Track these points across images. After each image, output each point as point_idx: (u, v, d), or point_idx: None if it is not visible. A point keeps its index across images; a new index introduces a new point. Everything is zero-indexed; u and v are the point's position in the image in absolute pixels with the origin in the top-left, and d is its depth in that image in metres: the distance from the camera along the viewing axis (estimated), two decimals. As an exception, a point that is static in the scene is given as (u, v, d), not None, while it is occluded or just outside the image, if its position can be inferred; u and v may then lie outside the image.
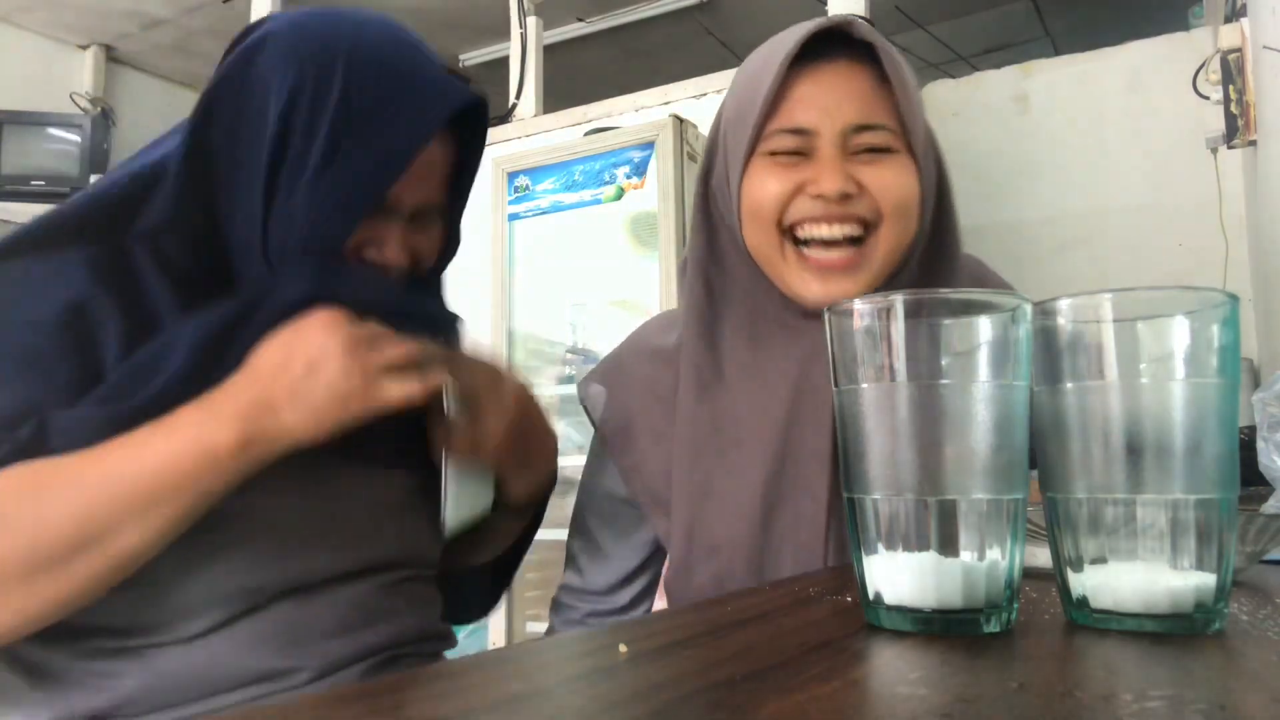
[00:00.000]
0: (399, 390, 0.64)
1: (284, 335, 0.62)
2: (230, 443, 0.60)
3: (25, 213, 3.17)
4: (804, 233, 0.76)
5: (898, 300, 0.46)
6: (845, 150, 0.75)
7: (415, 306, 0.76)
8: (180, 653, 0.68)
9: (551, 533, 1.13)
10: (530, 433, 0.79)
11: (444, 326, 0.81)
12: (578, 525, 0.97)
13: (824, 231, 0.75)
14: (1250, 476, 0.79)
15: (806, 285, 0.76)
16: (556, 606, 0.99)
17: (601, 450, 0.93)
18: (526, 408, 0.79)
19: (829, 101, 0.75)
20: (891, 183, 0.75)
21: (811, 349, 0.79)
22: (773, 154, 0.76)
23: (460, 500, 0.76)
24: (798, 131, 0.75)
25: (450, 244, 0.83)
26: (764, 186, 0.76)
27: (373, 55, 0.69)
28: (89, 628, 0.66)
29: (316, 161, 0.67)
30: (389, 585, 0.78)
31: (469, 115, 0.75)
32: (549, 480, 0.87)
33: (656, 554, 0.93)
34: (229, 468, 0.60)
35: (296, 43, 0.69)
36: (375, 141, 0.67)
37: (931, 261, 0.83)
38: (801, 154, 0.76)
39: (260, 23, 0.72)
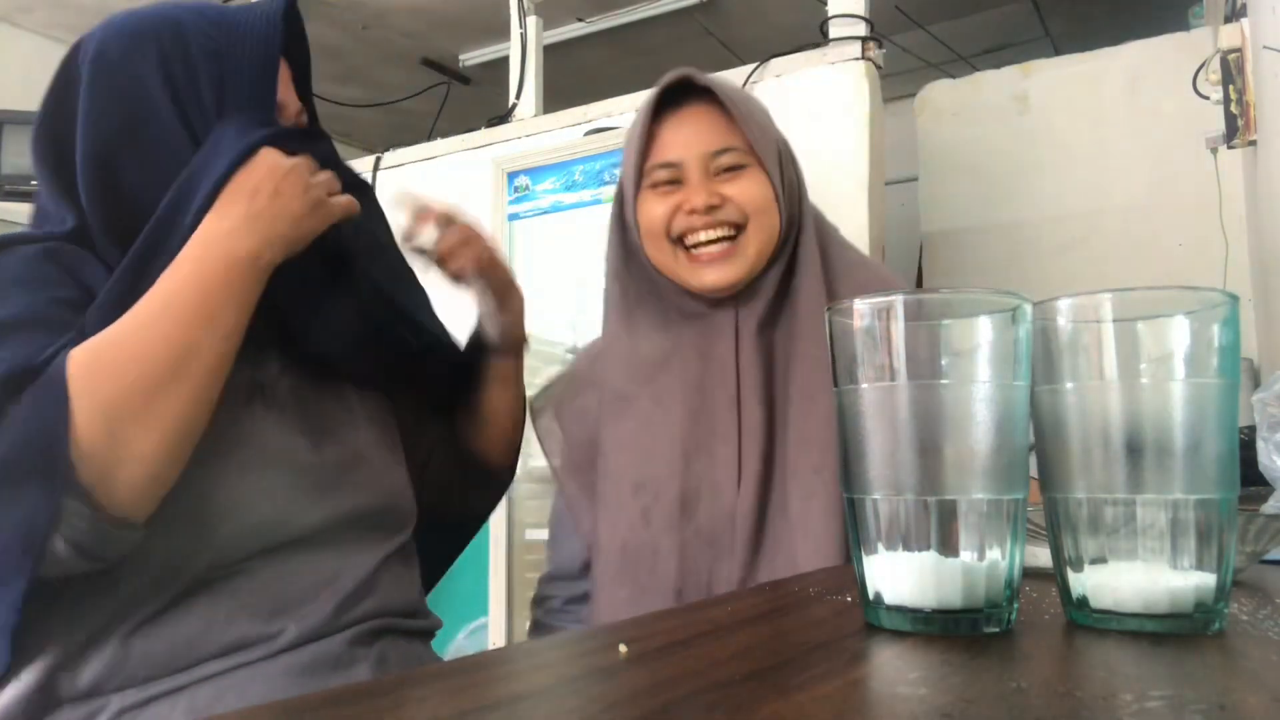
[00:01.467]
0: (343, 203, 0.78)
1: (246, 168, 0.74)
2: (248, 251, 0.71)
3: (25, 213, 3.17)
4: (689, 240, 0.97)
5: (898, 300, 0.46)
6: (708, 172, 0.97)
7: (330, 156, 0.87)
8: (167, 616, 0.70)
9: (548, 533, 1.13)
10: (501, 261, 0.98)
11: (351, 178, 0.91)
12: (550, 521, 1.14)
13: (702, 236, 0.96)
14: (1250, 476, 0.79)
15: (697, 275, 0.97)
16: (537, 600, 1.11)
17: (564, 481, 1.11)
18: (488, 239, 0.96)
19: (688, 138, 0.97)
20: (747, 189, 0.96)
21: (713, 328, 0.99)
22: (654, 185, 0.99)
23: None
24: (668, 165, 0.97)
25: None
26: (652, 211, 0.98)
27: (197, 10, 0.81)
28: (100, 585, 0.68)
29: (213, 109, 0.77)
30: (366, 539, 0.82)
31: (291, 30, 0.85)
32: (523, 316, 1.02)
33: None
34: (254, 272, 0.71)
35: (133, 34, 0.79)
36: (248, 66, 0.79)
37: (793, 258, 1.00)
38: (675, 182, 0.98)
39: (75, 50, 0.82)
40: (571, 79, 3.43)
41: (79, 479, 0.61)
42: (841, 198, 2.16)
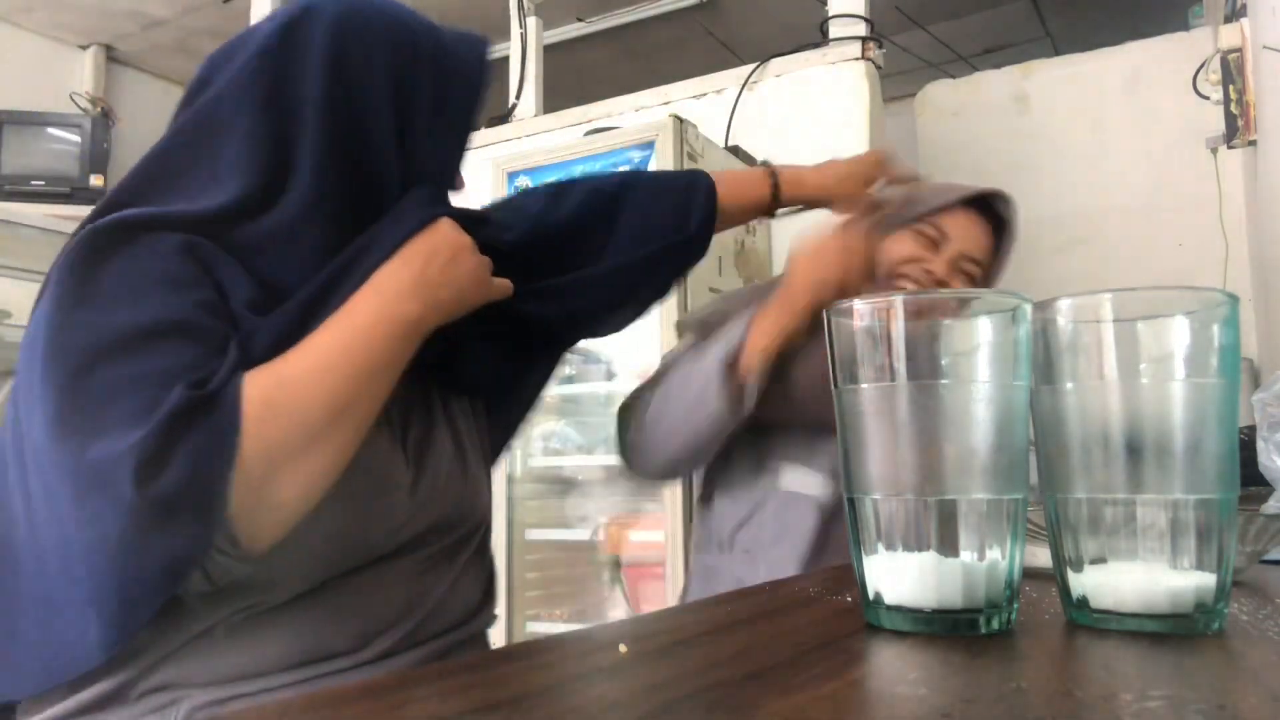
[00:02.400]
0: (502, 285, 0.81)
1: (427, 233, 0.75)
2: (414, 313, 0.72)
3: (25, 213, 3.16)
4: (899, 284, 1.11)
5: (898, 300, 0.46)
6: (955, 262, 1.12)
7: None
8: (258, 623, 0.70)
9: (550, 533, 1.13)
10: None
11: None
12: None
13: (912, 289, 1.10)
14: (1250, 476, 0.79)
15: None
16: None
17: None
18: None
19: (968, 234, 1.13)
20: None
21: None
22: (919, 232, 1.12)
23: None
24: (943, 234, 1.12)
25: None
26: (903, 247, 1.12)
27: (427, 26, 0.82)
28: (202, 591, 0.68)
29: (426, 128, 0.79)
30: (447, 550, 0.82)
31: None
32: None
33: None
34: (413, 337, 0.72)
35: (371, 20, 0.79)
36: (460, 86, 0.80)
37: None
38: (930, 243, 1.12)
39: (303, 14, 0.78)
40: (571, 79, 3.43)
41: (229, 515, 0.60)
42: (841, 198, 2.16)
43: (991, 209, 1.16)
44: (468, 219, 0.82)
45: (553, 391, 2.56)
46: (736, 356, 1.00)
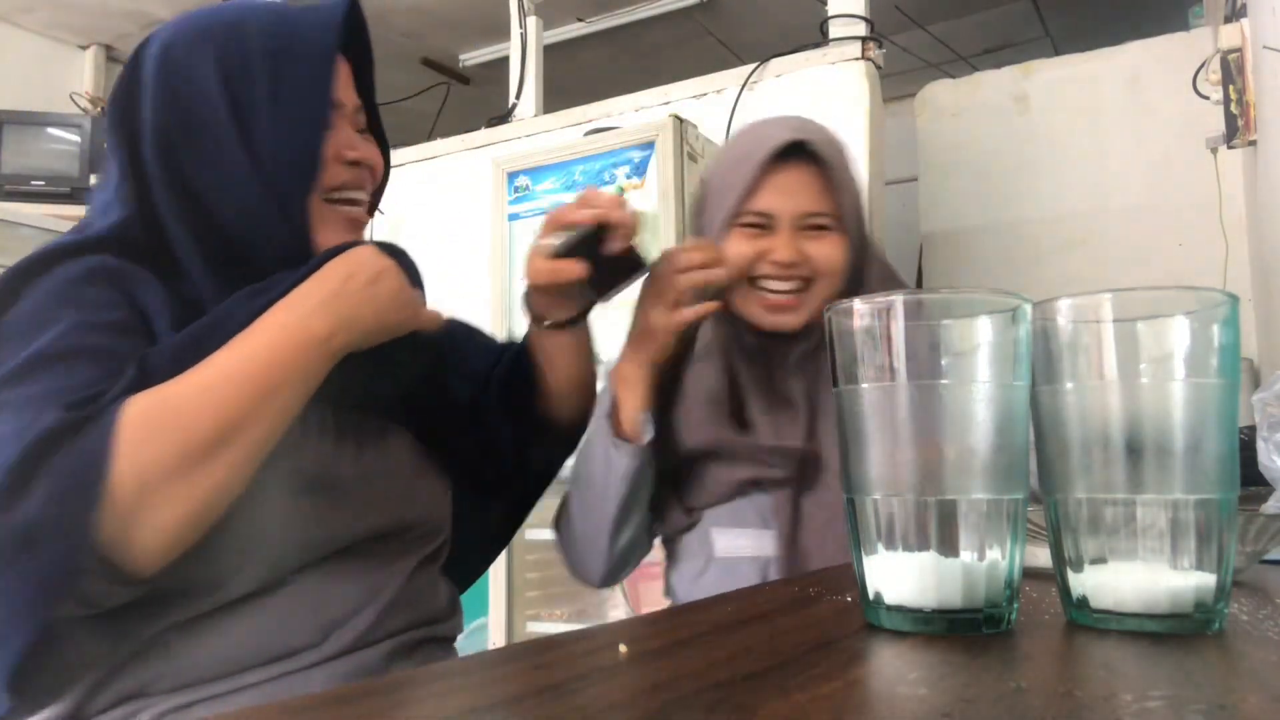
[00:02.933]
0: (431, 316, 0.80)
1: (345, 255, 0.75)
2: (323, 330, 0.70)
3: (25, 213, 3.16)
4: (762, 283, 1.05)
5: (898, 300, 0.46)
6: (795, 229, 1.04)
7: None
8: (215, 624, 0.70)
9: (550, 533, 1.13)
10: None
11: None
12: None
13: (777, 285, 1.04)
14: (1250, 476, 0.79)
15: (762, 316, 1.06)
16: None
17: None
18: None
19: (786, 194, 1.04)
20: (827, 254, 1.05)
21: (771, 359, 1.09)
22: (743, 226, 1.05)
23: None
24: (763, 214, 1.04)
25: (385, 157, 0.91)
26: (737, 250, 1.04)
27: (262, 11, 0.81)
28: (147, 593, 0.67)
29: (268, 106, 0.77)
30: (404, 549, 0.82)
31: (352, 28, 0.84)
32: None
33: None
34: (323, 354, 0.70)
35: (192, 33, 0.80)
36: (303, 66, 0.78)
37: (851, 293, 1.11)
38: (764, 228, 1.05)
39: (139, 52, 0.82)
40: (571, 79, 3.43)
41: (98, 540, 0.58)
42: (841, 198, 2.15)
43: (804, 149, 1.05)
44: (395, 254, 0.81)
45: (553, 391, 2.56)
46: (615, 412, 1.01)
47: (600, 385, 1.07)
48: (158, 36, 0.81)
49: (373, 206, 0.91)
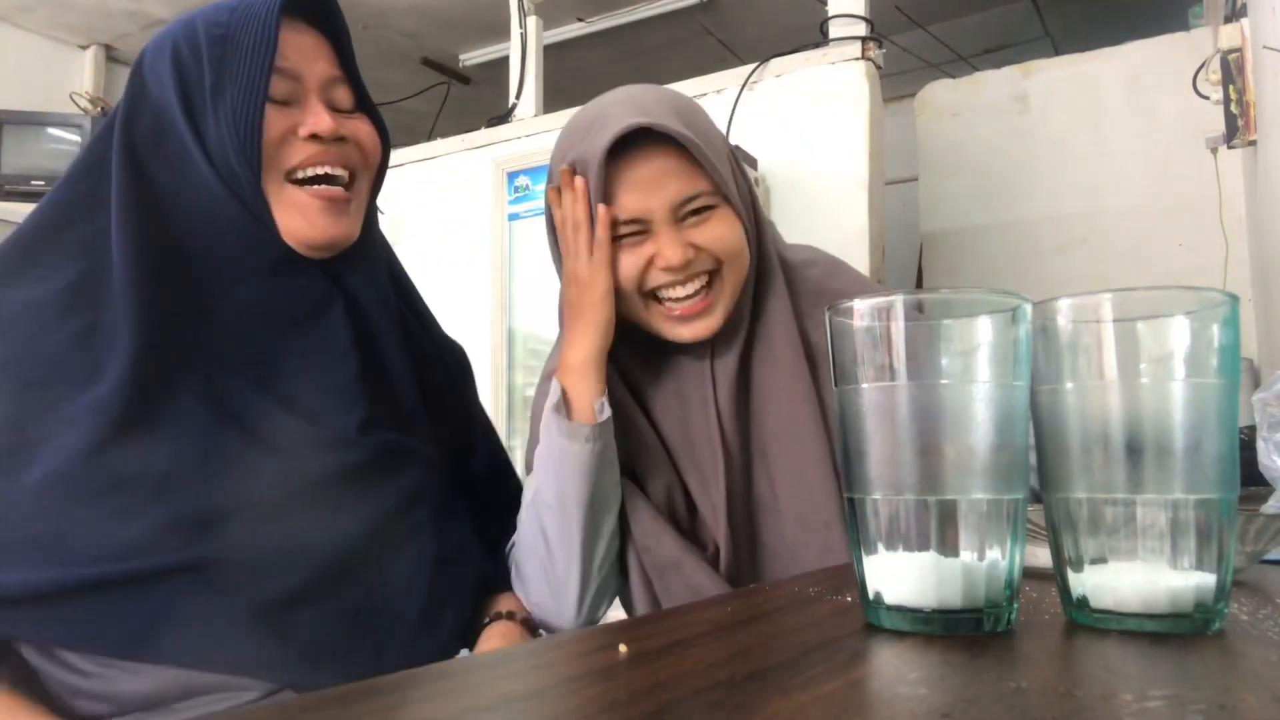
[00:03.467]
0: None
1: None
2: None
3: (25, 213, 3.16)
4: (663, 294, 0.90)
5: (898, 300, 0.46)
6: (675, 221, 0.88)
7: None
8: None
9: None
10: None
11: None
12: None
13: (679, 291, 0.89)
14: (1250, 476, 0.79)
15: (673, 329, 0.91)
16: None
17: None
18: None
19: (649, 189, 0.87)
20: (722, 235, 0.89)
21: (691, 375, 0.95)
22: (616, 239, 0.89)
23: None
24: (634, 221, 0.88)
25: (382, 135, 0.86)
26: (621, 267, 0.89)
27: (219, 5, 0.79)
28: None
29: (211, 86, 0.75)
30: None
31: (319, 4, 0.81)
32: None
33: None
34: None
35: (160, 39, 0.79)
36: (244, 46, 0.75)
37: (760, 275, 0.96)
38: (643, 233, 0.88)
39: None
40: (571, 79, 3.43)
41: None
42: (841, 197, 2.16)
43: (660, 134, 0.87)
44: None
45: (553, 391, 2.56)
46: (565, 402, 0.89)
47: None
48: (137, 58, 0.81)
49: (374, 191, 0.86)
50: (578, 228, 0.88)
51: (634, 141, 0.86)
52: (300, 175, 0.77)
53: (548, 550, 0.86)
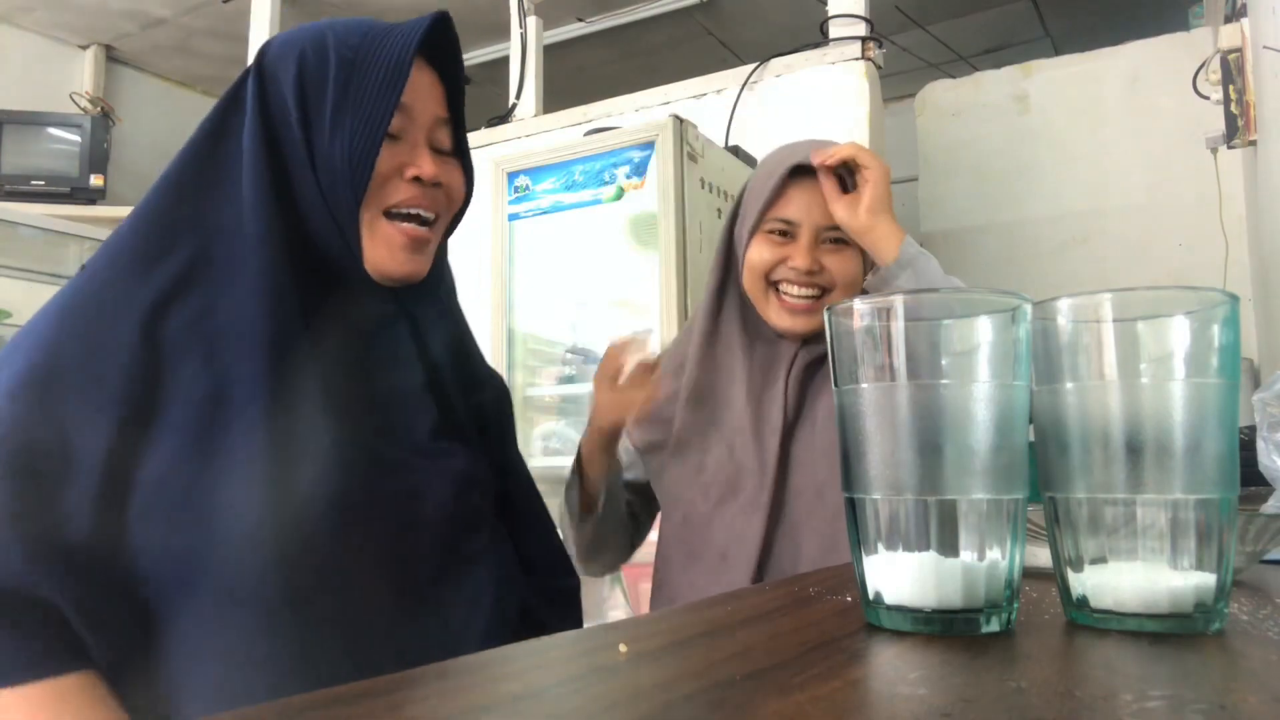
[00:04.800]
0: None
1: None
2: None
3: (25, 213, 3.16)
4: (783, 288, 1.12)
5: (898, 300, 0.46)
6: (816, 240, 1.11)
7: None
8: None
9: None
10: None
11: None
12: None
13: (795, 291, 1.11)
14: (1250, 476, 0.79)
15: (780, 318, 1.12)
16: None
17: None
18: None
19: (809, 205, 1.11)
20: (843, 267, 1.12)
21: (780, 354, 1.15)
22: (768, 232, 1.12)
23: None
24: (786, 221, 1.12)
25: (468, 182, 0.90)
26: (761, 255, 1.12)
27: (351, 24, 0.81)
28: None
29: (332, 107, 0.77)
30: None
31: (442, 44, 0.84)
32: None
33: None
34: None
35: (288, 39, 0.81)
36: (372, 76, 0.77)
37: None
38: (787, 235, 1.12)
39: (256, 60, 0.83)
40: (571, 79, 3.43)
41: None
42: (841, 198, 2.16)
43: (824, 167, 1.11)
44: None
45: (552, 391, 2.57)
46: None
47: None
48: (261, 48, 0.83)
49: (450, 230, 0.90)
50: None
51: (811, 175, 1.11)
52: (396, 211, 0.80)
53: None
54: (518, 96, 2.94)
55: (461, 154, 0.87)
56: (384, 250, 0.80)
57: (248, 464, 0.69)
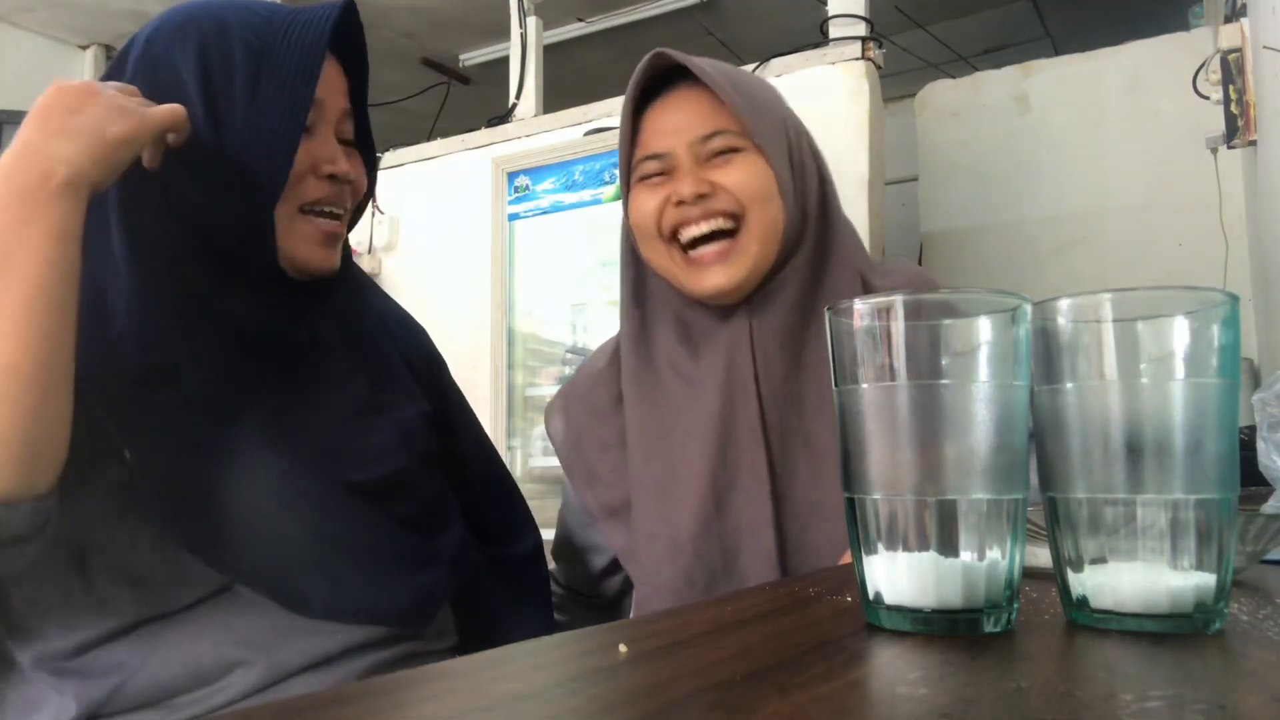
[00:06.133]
0: (162, 112, 0.70)
1: (42, 98, 0.68)
2: (31, 182, 0.62)
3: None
4: (683, 235, 0.88)
5: (898, 300, 0.46)
6: (698, 160, 0.88)
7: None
8: (165, 630, 0.70)
9: (550, 533, 1.13)
10: None
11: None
12: (557, 531, 1.07)
13: (695, 230, 0.87)
14: (1250, 476, 0.79)
15: (697, 279, 0.88)
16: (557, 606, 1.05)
17: (565, 471, 1.04)
18: None
19: (674, 125, 0.88)
20: (741, 175, 0.86)
21: (731, 343, 0.90)
22: (644, 179, 0.90)
23: None
24: (655, 156, 0.89)
25: (370, 173, 0.88)
26: (643, 206, 0.89)
27: (248, 7, 0.79)
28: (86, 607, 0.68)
29: (244, 100, 0.74)
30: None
31: (346, 32, 0.82)
32: None
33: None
34: (46, 213, 0.62)
35: (183, 26, 0.77)
36: (286, 69, 0.75)
37: (819, 253, 0.93)
38: (666, 173, 0.89)
39: (128, 45, 0.80)
40: (571, 79, 3.43)
41: None
42: (841, 198, 2.15)
43: (680, 73, 0.89)
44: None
45: (552, 391, 2.57)
46: None
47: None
48: (142, 33, 0.79)
49: (353, 221, 0.89)
50: None
51: (669, 84, 0.89)
52: (311, 208, 0.80)
53: None
54: (518, 96, 2.94)
55: (364, 146, 0.87)
56: (302, 246, 0.79)
57: (171, 456, 0.70)
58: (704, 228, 0.87)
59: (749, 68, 2.40)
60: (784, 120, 0.92)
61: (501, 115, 2.91)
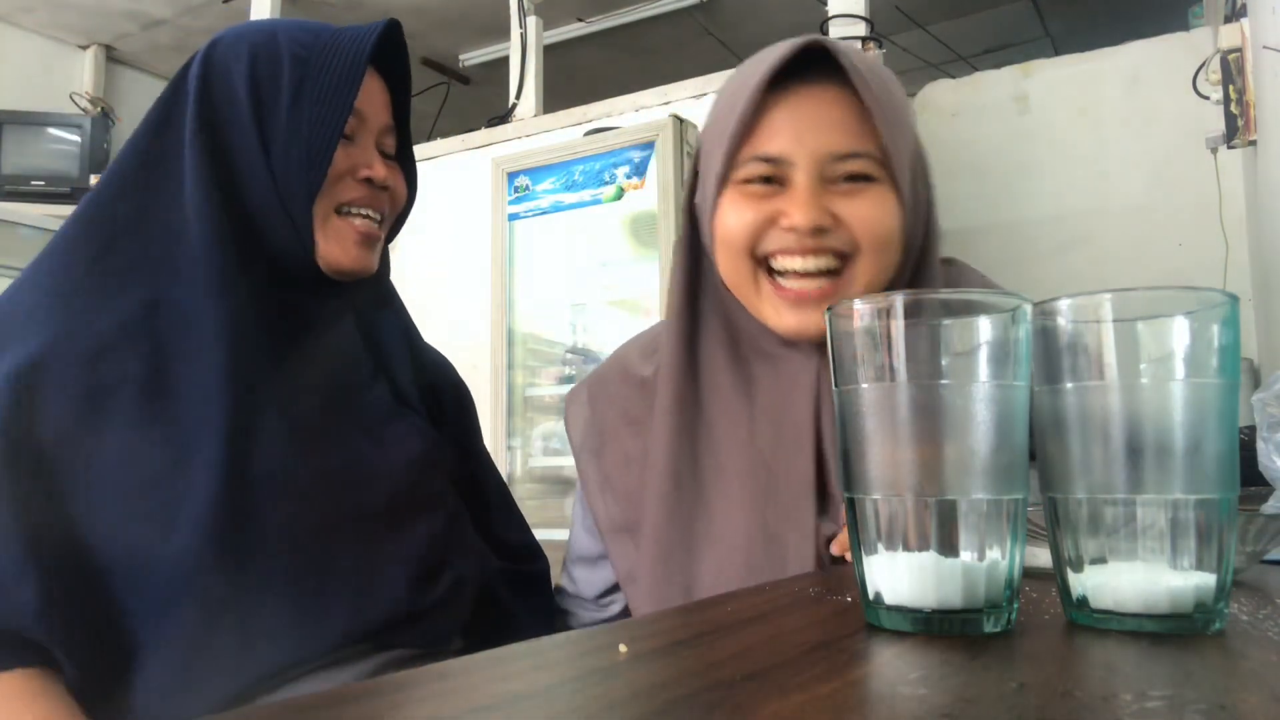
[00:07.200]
0: None
1: None
2: None
3: (25, 213, 3.16)
4: (778, 264, 0.74)
5: (898, 300, 0.46)
6: (822, 180, 0.72)
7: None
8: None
9: (551, 533, 1.13)
10: None
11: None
12: (571, 535, 0.98)
13: (798, 264, 0.73)
14: (1250, 476, 0.79)
15: (780, 316, 0.74)
16: (559, 613, 1.01)
17: (579, 472, 0.92)
18: None
19: (804, 128, 0.71)
20: (869, 215, 0.72)
21: (791, 378, 0.77)
22: (745, 181, 0.74)
23: None
24: (771, 159, 0.72)
25: (411, 188, 0.93)
26: (736, 217, 0.74)
27: (299, 25, 0.84)
28: None
29: (288, 105, 0.79)
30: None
31: (390, 52, 0.87)
32: None
33: None
34: None
35: (236, 36, 0.83)
36: (327, 78, 0.80)
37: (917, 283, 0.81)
38: (775, 182, 0.73)
39: (191, 59, 0.84)
40: (571, 79, 3.43)
41: None
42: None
43: (815, 63, 0.72)
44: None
45: (552, 391, 2.57)
46: None
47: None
48: (204, 46, 0.85)
49: (393, 233, 0.93)
50: None
51: (802, 74, 0.71)
52: (347, 210, 0.84)
53: None
54: (518, 96, 2.94)
55: (405, 161, 0.91)
56: (337, 244, 0.83)
57: (200, 452, 0.72)
58: (809, 264, 0.72)
59: (749, 68, 2.40)
60: (915, 143, 0.77)
61: (501, 115, 2.91)
